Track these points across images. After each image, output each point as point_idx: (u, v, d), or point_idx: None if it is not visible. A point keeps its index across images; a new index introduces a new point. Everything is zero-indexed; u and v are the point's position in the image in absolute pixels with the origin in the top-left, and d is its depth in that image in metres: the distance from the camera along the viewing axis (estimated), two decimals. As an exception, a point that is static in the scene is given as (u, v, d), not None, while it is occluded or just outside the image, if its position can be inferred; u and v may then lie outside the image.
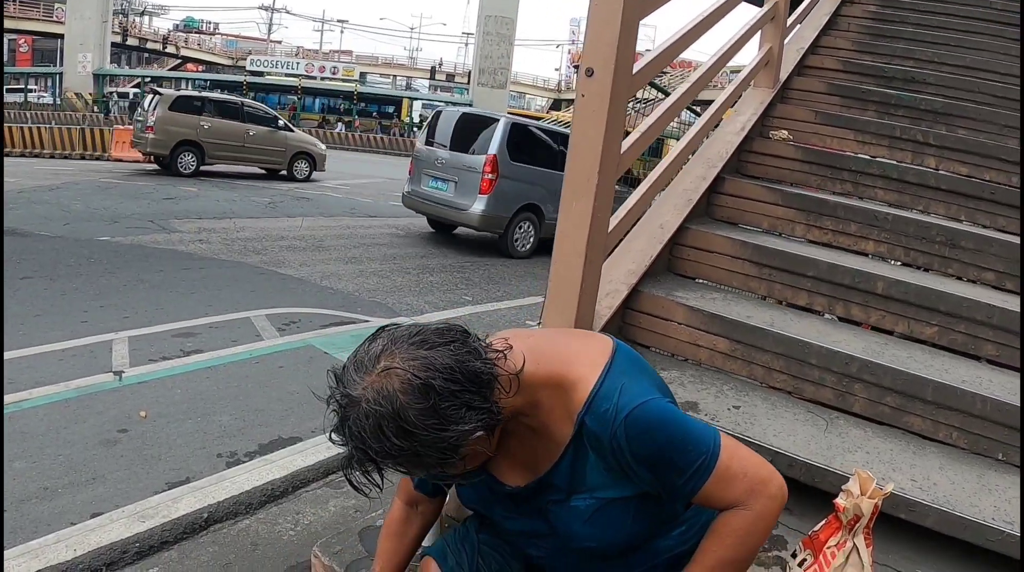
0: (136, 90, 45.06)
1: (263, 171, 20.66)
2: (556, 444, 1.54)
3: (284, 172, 20.48)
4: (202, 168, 18.72)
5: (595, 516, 1.55)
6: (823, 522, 2.07)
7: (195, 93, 21.59)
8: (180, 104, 18.50)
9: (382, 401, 1.30)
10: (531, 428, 1.53)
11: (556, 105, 59.63)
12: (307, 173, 20.76)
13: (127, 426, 4.73)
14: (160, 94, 18.83)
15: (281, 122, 20.92)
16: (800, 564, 2.08)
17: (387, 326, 1.45)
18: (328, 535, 2.90)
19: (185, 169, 18.41)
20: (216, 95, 21.59)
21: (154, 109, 17.95)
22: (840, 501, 1.96)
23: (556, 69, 75.72)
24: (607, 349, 1.56)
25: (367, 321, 7.69)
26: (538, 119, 48.77)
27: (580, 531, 1.57)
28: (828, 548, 2.00)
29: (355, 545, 2.66)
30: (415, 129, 44.67)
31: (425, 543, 2.30)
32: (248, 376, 5.81)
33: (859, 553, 1.96)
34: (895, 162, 4.47)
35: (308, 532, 3.76)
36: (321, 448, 4.60)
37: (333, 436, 1.38)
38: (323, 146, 22.00)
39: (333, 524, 3.82)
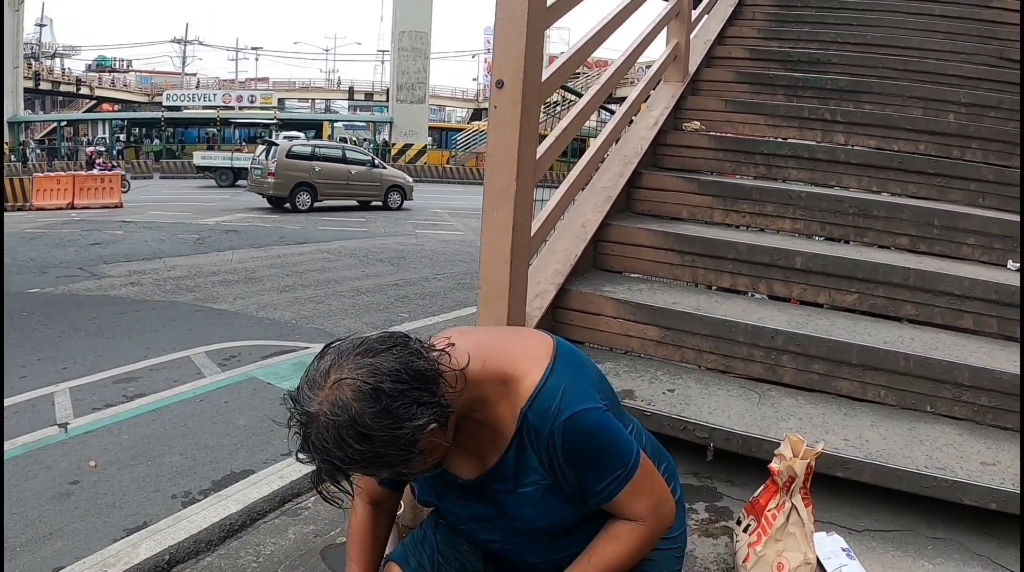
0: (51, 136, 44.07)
1: (357, 203, 23.59)
2: (502, 438, 1.62)
3: (379, 203, 23.50)
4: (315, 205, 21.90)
5: (542, 499, 1.64)
6: (761, 488, 2.18)
7: (305, 141, 25.36)
8: (294, 152, 22.08)
9: (338, 411, 1.36)
10: (479, 422, 1.62)
11: (477, 115, 59.59)
12: (399, 202, 23.77)
13: (78, 477, 4.68)
14: (276, 144, 22.63)
15: (376, 161, 24.57)
16: (745, 530, 2.19)
17: (332, 343, 1.50)
18: (291, 560, 2.93)
19: (302, 206, 21.62)
20: (322, 142, 27.48)
21: (273, 158, 21.39)
22: (774, 465, 2.07)
23: (473, 79, 75.75)
24: (549, 347, 1.66)
25: (307, 348, 7.67)
26: (460, 130, 48.92)
27: (530, 513, 1.66)
28: (768, 511, 2.11)
29: (318, 565, 2.71)
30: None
31: (387, 551, 2.35)
32: (194, 414, 5.77)
33: (799, 512, 2.07)
34: (806, 142, 4.63)
35: (271, 562, 3.75)
36: (274, 478, 4.60)
37: (300, 455, 1.43)
38: (411, 179, 25.32)
39: (294, 550, 3.82)
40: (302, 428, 1.40)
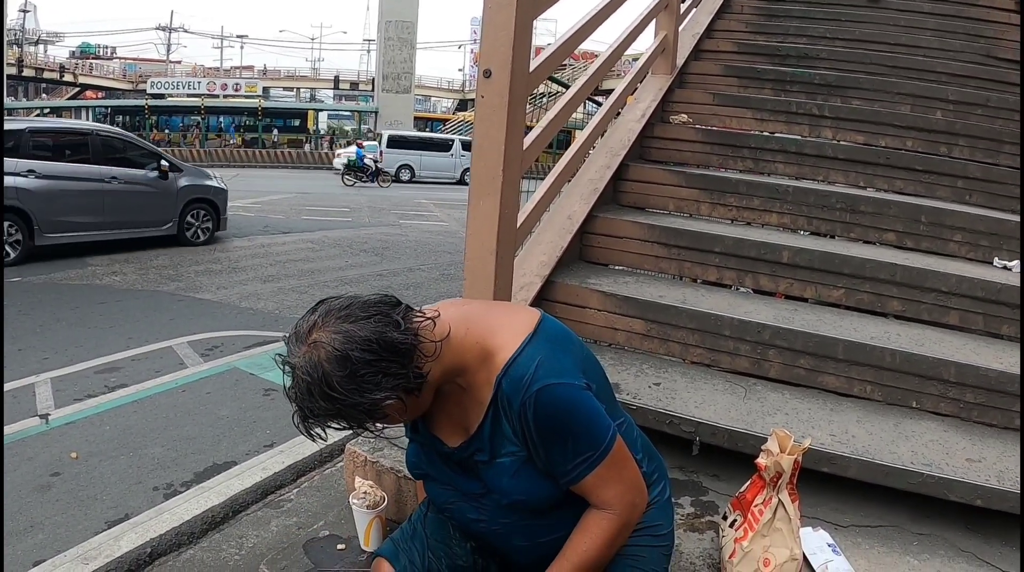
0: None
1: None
2: (480, 406, 1.66)
3: None
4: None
5: (519, 471, 1.66)
6: (748, 483, 2.17)
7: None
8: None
9: (310, 369, 1.49)
10: (462, 388, 1.67)
11: (462, 106, 59.50)
12: None
13: (59, 469, 4.63)
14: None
15: None
16: (731, 525, 2.18)
17: (327, 299, 1.60)
18: (273, 553, 2.91)
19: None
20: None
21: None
22: (761, 460, 2.05)
23: (460, 70, 75.60)
24: (533, 321, 1.68)
25: (291, 338, 7.61)
26: (445, 121, 48.93)
27: (508, 485, 1.68)
28: (755, 506, 2.10)
29: (301, 558, 2.68)
30: (321, 140, 44.71)
31: (374, 546, 2.34)
32: (176, 405, 5.73)
33: (785, 508, 2.06)
34: (793, 136, 4.63)
35: (253, 554, 3.72)
36: (256, 470, 4.56)
37: (288, 392, 1.56)
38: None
39: (277, 543, 3.79)
40: (285, 373, 1.55)
